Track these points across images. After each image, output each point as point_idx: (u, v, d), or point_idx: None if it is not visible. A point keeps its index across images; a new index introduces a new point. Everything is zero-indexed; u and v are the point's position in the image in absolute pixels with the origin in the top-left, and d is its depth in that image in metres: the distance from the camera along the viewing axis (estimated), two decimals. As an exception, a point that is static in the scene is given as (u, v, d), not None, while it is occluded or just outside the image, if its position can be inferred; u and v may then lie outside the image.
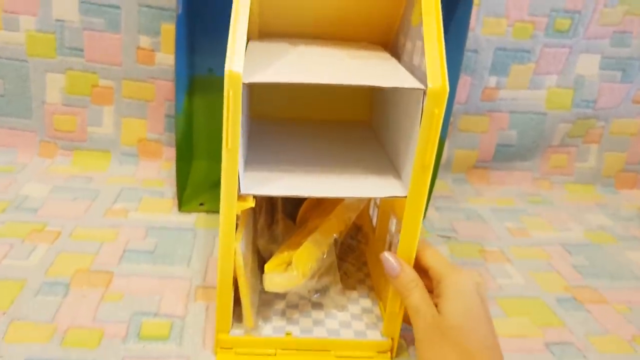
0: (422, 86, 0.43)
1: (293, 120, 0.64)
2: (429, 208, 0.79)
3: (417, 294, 0.45)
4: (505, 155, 0.89)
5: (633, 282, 0.67)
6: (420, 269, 0.47)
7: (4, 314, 0.51)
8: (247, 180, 0.47)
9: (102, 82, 0.80)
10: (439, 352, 0.42)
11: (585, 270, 0.68)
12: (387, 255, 0.47)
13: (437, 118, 0.42)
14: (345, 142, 0.59)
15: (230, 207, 0.45)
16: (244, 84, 0.40)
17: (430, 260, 0.47)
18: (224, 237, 0.45)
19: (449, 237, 0.72)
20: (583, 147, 0.91)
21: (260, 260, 0.57)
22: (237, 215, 0.45)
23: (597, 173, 0.92)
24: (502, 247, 0.72)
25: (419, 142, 0.44)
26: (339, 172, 0.51)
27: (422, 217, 0.47)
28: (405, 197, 0.46)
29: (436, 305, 0.44)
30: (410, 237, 0.47)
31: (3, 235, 0.63)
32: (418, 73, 0.46)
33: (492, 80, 0.84)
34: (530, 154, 0.89)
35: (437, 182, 0.85)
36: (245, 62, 0.41)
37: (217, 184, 0.83)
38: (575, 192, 0.90)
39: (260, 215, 0.58)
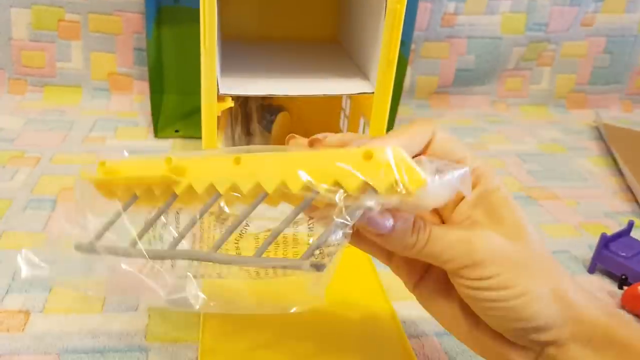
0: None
1: (263, 39, 0.66)
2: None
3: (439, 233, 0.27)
4: (464, 80, 0.93)
5: (581, 182, 0.73)
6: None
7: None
8: (224, 83, 0.50)
9: (69, 17, 0.80)
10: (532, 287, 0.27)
11: (538, 175, 0.74)
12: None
13: (399, 13, 0.46)
14: (315, 55, 0.62)
15: (211, 106, 0.47)
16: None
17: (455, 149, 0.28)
18: (207, 136, 0.48)
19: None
20: (536, 70, 0.96)
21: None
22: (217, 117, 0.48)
23: (549, 94, 0.98)
24: (463, 158, 0.77)
25: (384, 39, 0.47)
26: (310, 77, 0.54)
27: (387, 113, 0.51)
28: (373, 93, 0.50)
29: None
30: (378, 132, 0.51)
31: (-18, 162, 0.64)
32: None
33: (451, 6, 0.87)
34: (488, 78, 0.94)
35: (401, 107, 0.89)
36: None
37: (190, 114, 0.85)
38: (529, 113, 0.96)
39: (237, 126, 0.61)
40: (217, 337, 0.42)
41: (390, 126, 0.81)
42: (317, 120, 0.72)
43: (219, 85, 0.47)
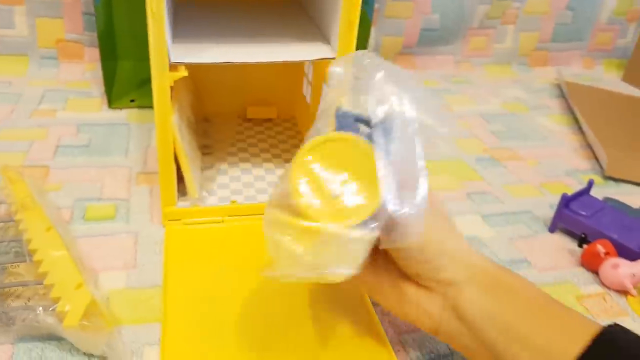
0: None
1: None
2: (359, 93, 0.81)
3: None
4: (429, 40, 0.92)
5: (543, 142, 0.74)
6: None
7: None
8: (177, 50, 0.47)
9: (8, -21, 0.75)
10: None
11: (502, 135, 0.74)
12: None
13: (358, -28, 0.44)
14: (275, 17, 0.60)
15: (162, 77, 0.45)
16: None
17: None
18: (159, 109, 0.46)
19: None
20: (500, 28, 0.95)
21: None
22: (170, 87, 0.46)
23: (513, 53, 0.98)
24: (428, 120, 0.76)
25: (344, 1, 0.45)
26: (269, 41, 0.52)
27: (350, 78, 0.49)
28: (334, 59, 0.48)
29: None
30: (340, 98, 0.50)
31: None
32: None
33: (414, -37, 0.85)
34: (452, 38, 0.93)
35: (366, 69, 0.87)
36: None
37: (146, 82, 0.81)
38: (493, 72, 0.96)
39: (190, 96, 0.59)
40: (179, 317, 0.41)
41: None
42: (279, 86, 0.69)
43: (170, 53, 0.45)
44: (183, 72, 0.46)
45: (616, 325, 0.30)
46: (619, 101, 0.87)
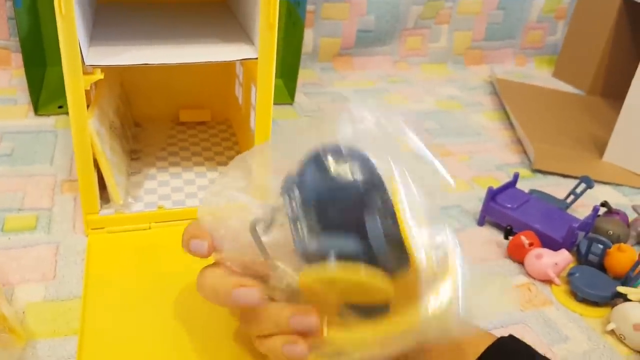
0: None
1: (146, 1, 0.62)
2: (298, 93, 0.81)
3: None
4: (366, 41, 0.93)
5: (474, 137, 0.76)
6: None
7: None
8: (92, 53, 0.46)
9: None
10: None
11: (435, 132, 0.76)
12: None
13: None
14: (201, 18, 0.59)
15: (75, 80, 0.44)
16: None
17: None
18: (74, 114, 0.45)
19: (315, 116, 0.76)
20: (435, 28, 0.97)
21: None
22: (86, 90, 0.45)
23: (448, 52, 1.00)
24: (364, 120, 0.77)
25: (262, 3, 0.45)
26: (192, 42, 0.51)
27: (273, 78, 0.49)
28: (257, 58, 0.48)
29: None
30: (265, 97, 0.49)
31: None
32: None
33: (348, -35, 0.86)
34: (388, 38, 0.94)
35: (306, 71, 0.88)
36: None
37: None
38: (430, 71, 0.98)
39: (114, 99, 0.57)
40: (98, 329, 0.39)
41: (291, 91, 0.79)
42: (213, 88, 0.69)
43: (85, 56, 0.44)
44: (98, 75, 0.45)
45: (510, 336, 0.36)
46: (548, 96, 0.90)
